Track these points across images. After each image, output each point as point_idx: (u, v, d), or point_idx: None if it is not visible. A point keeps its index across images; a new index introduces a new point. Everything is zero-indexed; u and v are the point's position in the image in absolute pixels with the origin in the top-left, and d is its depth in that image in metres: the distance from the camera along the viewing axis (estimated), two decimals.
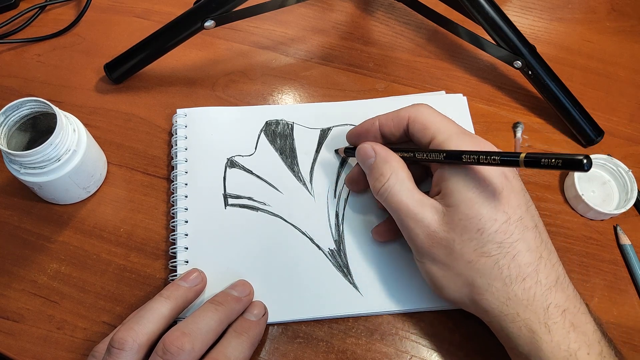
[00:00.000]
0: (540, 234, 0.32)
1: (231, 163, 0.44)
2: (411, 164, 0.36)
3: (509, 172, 0.33)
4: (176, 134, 0.45)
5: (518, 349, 0.31)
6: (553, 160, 0.26)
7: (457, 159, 0.32)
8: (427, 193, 0.35)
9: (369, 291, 0.39)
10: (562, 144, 0.48)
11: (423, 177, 0.40)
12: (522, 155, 0.28)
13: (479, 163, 0.30)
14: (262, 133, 0.46)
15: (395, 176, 0.35)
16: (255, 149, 0.45)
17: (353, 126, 0.46)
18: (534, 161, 0.27)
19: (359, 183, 0.41)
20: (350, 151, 0.42)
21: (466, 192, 0.31)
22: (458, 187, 0.32)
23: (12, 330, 0.38)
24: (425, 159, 0.35)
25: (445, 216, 0.32)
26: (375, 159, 0.36)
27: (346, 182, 0.42)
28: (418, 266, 0.35)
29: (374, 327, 0.38)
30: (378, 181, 0.35)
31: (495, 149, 0.33)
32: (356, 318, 0.39)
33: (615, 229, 0.44)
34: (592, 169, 0.46)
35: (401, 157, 0.36)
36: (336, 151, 0.44)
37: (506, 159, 0.29)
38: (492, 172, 0.32)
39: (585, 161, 0.25)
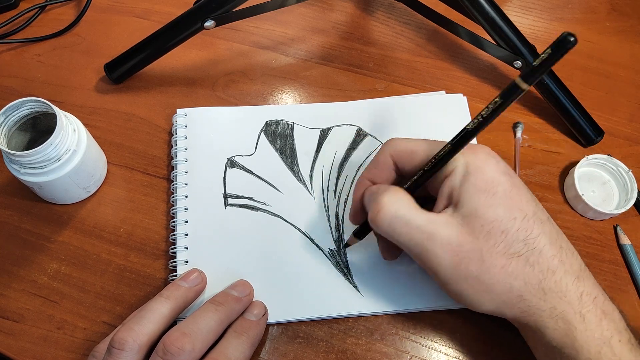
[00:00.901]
0: (553, 225, 0.32)
1: (231, 163, 0.44)
2: (417, 189, 0.34)
3: (511, 171, 0.32)
4: (176, 134, 0.45)
5: (551, 343, 0.31)
6: (543, 55, 0.26)
7: (464, 135, 0.30)
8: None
9: (369, 291, 0.39)
10: (562, 144, 0.48)
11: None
12: (517, 78, 0.27)
13: (485, 121, 0.29)
14: (262, 133, 0.46)
15: (397, 199, 0.32)
16: (255, 149, 0.45)
17: (353, 126, 0.46)
18: (529, 73, 0.27)
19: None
20: (359, 232, 0.38)
21: (479, 197, 0.31)
22: (469, 193, 0.31)
23: (12, 330, 0.38)
24: (434, 162, 0.32)
25: (463, 227, 0.31)
26: (376, 193, 0.33)
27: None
28: (445, 291, 0.33)
29: (374, 327, 0.38)
30: (375, 209, 0.32)
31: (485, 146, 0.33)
32: (356, 318, 0.39)
33: (615, 229, 0.44)
34: (592, 169, 0.46)
35: (407, 187, 0.33)
36: (347, 245, 0.40)
37: (505, 92, 0.28)
38: (497, 172, 0.31)
39: (571, 39, 0.25)
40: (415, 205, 0.32)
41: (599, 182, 0.46)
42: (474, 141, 0.46)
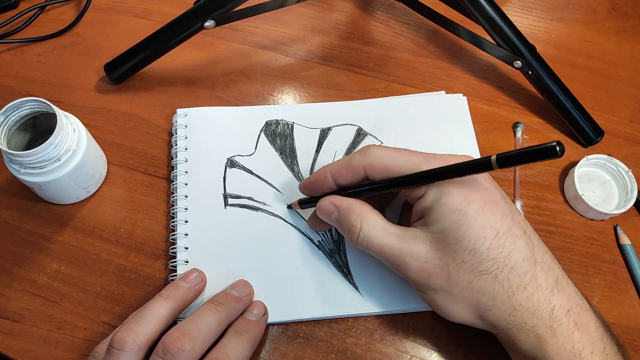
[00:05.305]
0: (530, 238, 0.32)
1: (231, 163, 0.44)
2: (375, 195, 0.35)
3: (488, 183, 0.32)
4: (176, 133, 0.45)
5: (524, 354, 0.31)
6: (523, 150, 0.25)
7: (436, 174, 0.31)
8: (400, 218, 0.36)
9: (369, 291, 0.39)
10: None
11: (389, 200, 0.40)
12: (493, 157, 0.27)
13: (452, 173, 0.30)
14: (262, 133, 0.46)
15: (366, 223, 0.34)
16: (255, 149, 0.45)
17: (353, 126, 0.46)
18: (504, 158, 0.27)
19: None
20: (305, 203, 0.40)
21: (450, 216, 0.31)
22: (441, 213, 0.31)
23: (12, 330, 0.38)
24: (399, 183, 0.33)
25: (433, 243, 0.32)
26: (338, 212, 0.35)
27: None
28: (421, 297, 0.34)
29: (374, 327, 0.38)
30: (352, 233, 0.34)
31: (469, 158, 0.32)
32: (356, 318, 0.39)
33: (615, 229, 0.44)
34: (592, 169, 0.46)
35: (368, 191, 0.35)
36: (289, 206, 0.42)
37: (477, 163, 0.29)
38: (470, 191, 0.31)
39: (558, 148, 0.24)
40: (386, 224, 0.34)
41: (599, 182, 0.46)
42: (473, 140, 0.46)
